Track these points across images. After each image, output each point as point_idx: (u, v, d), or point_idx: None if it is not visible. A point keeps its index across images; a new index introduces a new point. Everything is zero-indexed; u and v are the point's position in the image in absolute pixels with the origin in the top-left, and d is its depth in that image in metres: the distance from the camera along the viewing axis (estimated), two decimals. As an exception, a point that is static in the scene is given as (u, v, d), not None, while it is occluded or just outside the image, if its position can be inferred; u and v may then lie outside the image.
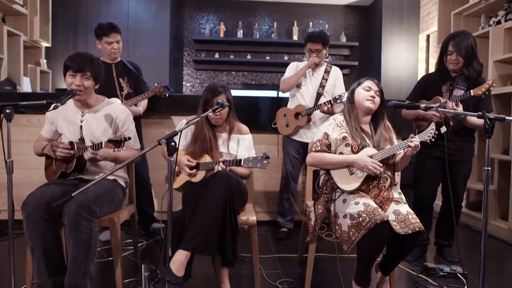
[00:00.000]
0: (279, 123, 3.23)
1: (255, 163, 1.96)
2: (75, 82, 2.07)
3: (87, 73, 2.08)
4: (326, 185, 2.16)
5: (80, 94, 2.09)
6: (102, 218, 1.98)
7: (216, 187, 1.93)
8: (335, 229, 2.06)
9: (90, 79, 2.10)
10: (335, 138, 2.10)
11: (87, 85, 2.10)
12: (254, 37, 5.91)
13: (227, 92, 2.23)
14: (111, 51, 2.98)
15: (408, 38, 5.80)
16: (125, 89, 3.03)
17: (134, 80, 3.08)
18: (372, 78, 2.22)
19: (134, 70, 3.09)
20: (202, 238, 1.86)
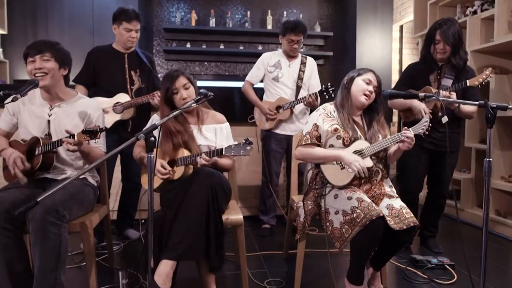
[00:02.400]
0: (259, 117, 3.07)
1: (238, 151, 1.81)
2: (35, 66, 1.85)
3: (46, 54, 1.87)
4: (315, 180, 2.05)
5: (43, 79, 1.87)
6: (72, 222, 1.78)
7: (198, 187, 1.78)
8: (326, 225, 1.96)
9: (51, 60, 1.88)
10: (326, 130, 1.99)
11: (49, 67, 1.88)
12: (227, 26, 5.71)
13: (185, 74, 2.07)
14: (128, 39, 2.70)
15: (382, 28, 5.78)
16: (136, 83, 2.76)
17: (147, 74, 2.82)
18: (373, 71, 2.10)
19: (148, 64, 2.81)
20: (187, 244, 1.71)
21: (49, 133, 1.97)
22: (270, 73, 3.03)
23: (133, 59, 2.78)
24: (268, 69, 3.03)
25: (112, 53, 2.76)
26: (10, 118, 2.02)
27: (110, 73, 2.71)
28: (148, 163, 1.49)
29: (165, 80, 2.04)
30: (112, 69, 2.72)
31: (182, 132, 2.02)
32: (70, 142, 1.75)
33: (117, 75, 2.71)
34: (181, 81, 2.02)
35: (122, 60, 2.74)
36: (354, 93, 2.04)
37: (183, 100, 2.02)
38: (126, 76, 2.73)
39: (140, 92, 2.74)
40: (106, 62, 2.72)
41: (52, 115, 1.97)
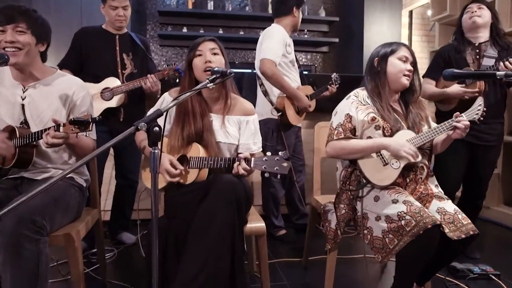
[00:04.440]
0: (288, 111, 2.61)
1: (271, 166, 1.44)
2: (6, 39, 1.49)
3: (20, 24, 1.50)
4: (350, 179, 1.71)
5: (16, 56, 1.50)
6: (54, 234, 1.42)
7: (222, 205, 1.41)
8: (363, 233, 1.63)
9: (27, 33, 1.51)
10: (362, 120, 1.65)
11: (24, 41, 1.51)
12: (226, 10, 5.32)
13: (218, 42, 1.71)
14: (115, 18, 2.37)
15: (390, 13, 5.45)
16: (128, 67, 2.43)
17: (141, 58, 2.49)
18: (405, 44, 1.77)
19: (142, 46, 2.48)
20: (205, 278, 1.34)
21: (25, 120, 1.61)
22: (288, 54, 2.64)
23: (126, 41, 2.45)
24: (286, 49, 2.64)
25: (101, 34, 2.43)
26: None
27: (99, 56, 2.37)
28: (152, 161, 1.14)
29: (192, 46, 1.69)
30: (101, 51, 2.38)
31: (198, 119, 1.65)
32: (55, 136, 1.39)
33: (106, 58, 2.38)
34: (208, 44, 1.66)
35: (113, 42, 2.41)
36: (392, 75, 1.71)
37: (206, 64, 1.64)
38: (117, 59, 2.40)
39: (132, 77, 2.41)
40: (95, 43, 2.39)
41: (26, 98, 1.61)
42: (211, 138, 1.65)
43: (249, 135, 1.75)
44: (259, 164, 1.47)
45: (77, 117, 1.37)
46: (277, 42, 2.56)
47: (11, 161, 1.52)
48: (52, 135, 1.39)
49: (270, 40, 2.57)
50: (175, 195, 1.57)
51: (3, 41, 1.48)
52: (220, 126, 1.70)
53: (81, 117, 1.37)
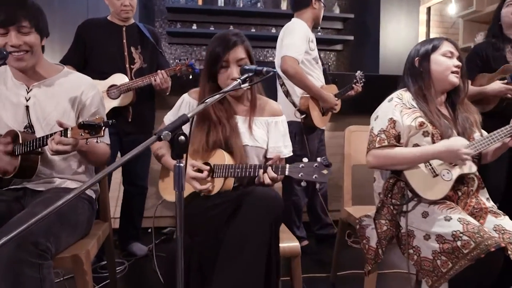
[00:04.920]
0: (312, 112, 2.41)
1: (310, 174, 1.26)
2: (12, 42, 1.31)
3: (23, 23, 1.31)
4: (392, 192, 1.51)
5: (24, 59, 1.35)
6: (60, 256, 1.24)
7: (258, 223, 1.23)
8: (408, 252, 1.44)
9: (32, 32, 1.34)
10: (408, 125, 1.46)
11: (30, 41, 1.34)
12: (237, 6, 5.14)
13: (245, 43, 1.51)
14: (120, 8, 2.18)
15: (408, 10, 5.23)
16: (137, 61, 2.24)
17: (151, 51, 2.30)
18: (448, 38, 1.58)
19: (151, 39, 2.29)
20: None
21: (30, 124, 1.43)
22: (311, 51, 2.44)
23: (133, 33, 2.27)
24: (309, 45, 2.44)
25: (107, 25, 2.25)
26: None
27: (104, 50, 2.20)
28: (176, 176, 0.95)
29: (218, 42, 1.46)
30: (107, 45, 2.21)
31: (225, 125, 1.47)
32: (61, 141, 1.21)
33: (113, 52, 2.20)
34: (238, 53, 1.46)
35: (119, 34, 2.23)
36: (438, 74, 1.52)
37: (230, 80, 1.45)
38: (125, 53, 2.22)
39: (141, 73, 2.23)
40: (100, 36, 2.21)
41: (30, 99, 1.44)
42: (238, 142, 1.47)
43: (278, 138, 1.57)
44: (294, 171, 1.29)
45: (87, 121, 1.19)
46: (299, 38, 2.36)
47: (13, 170, 1.33)
48: (58, 140, 1.22)
49: (292, 36, 2.38)
50: (199, 209, 1.39)
51: (8, 45, 1.31)
52: (247, 129, 1.52)
53: (91, 121, 1.19)
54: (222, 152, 1.44)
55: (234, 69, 1.45)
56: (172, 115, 1.60)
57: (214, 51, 1.45)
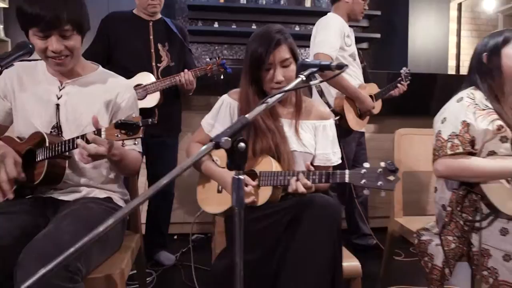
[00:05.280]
0: (348, 114, 2.24)
1: (374, 181, 1.10)
2: (53, 48, 1.17)
3: (65, 27, 1.17)
4: (462, 205, 1.33)
5: (64, 64, 1.22)
6: (91, 276, 1.09)
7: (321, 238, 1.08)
8: (481, 274, 1.25)
9: (74, 35, 1.21)
10: (484, 129, 1.28)
11: (73, 45, 1.22)
12: (260, 3, 4.99)
13: (289, 41, 1.34)
14: (148, 2, 2.04)
15: (438, 6, 5.01)
16: (164, 59, 2.10)
17: (178, 49, 2.16)
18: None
19: (179, 35, 2.15)
20: None
21: (58, 124, 1.30)
22: (348, 46, 2.27)
23: (160, 28, 2.12)
24: (345, 40, 2.26)
25: (132, 20, 2.11)
26: (1, 103, 1.34)
27: (129, 46, 2.06)
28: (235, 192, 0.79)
29: (260, 40, 1.30)
30: (132, 41, 2.07)
31: (274, 131, 1.31)
32: (96, 140, 1.08)
33: (138, 49, 2.06)
34: (282, 53, 1.30)
35: (146, 30, 2.09)
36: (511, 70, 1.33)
37: (275, 84, 1.31)
38: (151, 50, 2.08)
39: (168, 71, 2.08)
40: (125, 31, 2.07)
41: (62, 96, 1.30)
42: (285, 147, 1.31)
43: (327, 143, 1.42)
44: (356, 178, 1.14)
45: (124, 120, 1.05)
46: (333, 33, 2.19)
47: (38, 176, 1.20)
48: (92, 138, 1.07)
49: (325, 32, 2.21)
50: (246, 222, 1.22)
51: (49, 50, 1.18)
52: (293, 133, 1.37)
53: (129, 119, 1.05)
54: (270, 159, 1.29)
55: (278, 71, 1.31)
56: (211, 117, 1.45)
57: (255, 52, 1.30)
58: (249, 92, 1.34)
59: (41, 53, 1.20)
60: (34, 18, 1.12)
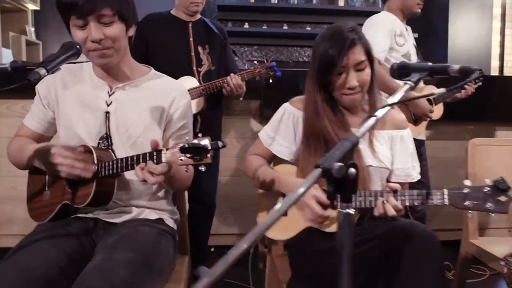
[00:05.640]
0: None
1: (480, 203, 0.93)
2: (92, 36, 1.03)
3: (103, 11, 1.03)
4: None
5: (106, 56, 1.08)
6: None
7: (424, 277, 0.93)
8: None
9: (114, 20, 1.06)
10: None
11: (113, 34, 1.07)
12: (291, 3, 4.83)
13: (363, 40, 1.18)
14: (190, 0, 1.91)
15: (480, 4, 4.76)
16: (205, 63, 1.97)
17: (219, 51, 2.03)
18: None
19: (221, 36, 2.02)
20: None
21: (108, 134, 1.16)
22: (400, 46, 2.08)
23: (200, 30, 1.99)
24: (396, 40, 2.07)
25: (171, 21, 1.98)
26: (42, 111, 1.22)
27: (169, 49, 1.94)
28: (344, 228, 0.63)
29: (329, 45, 1.14)
30: (172, 44, 1.95)
31: None
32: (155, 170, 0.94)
33: (179, 52, 1.94)
34: (357, 54, 1.14)
35: (186, 31, 1.96)
36: None
37: (347, 90, 1.16)
38: (191, 53, 1.95)
39: (209, 76, 1.95)
40: (164, 33, 1.95)
41: (112, 103, 1.16)
42: (360, 162, 1.15)
43: (406, 157, 1.25)
44: (457, 199, 0.97)
45: (193, 143, 0.90)
46: (382, 33, 2.02)
47: (85, 198, 1.06)
48: (152, 168, 0.93)
49: (371, 32, 2.03)
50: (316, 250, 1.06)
51: (89, 40, 1.04)
52: (367, 146, 1.20)
53: (198, 143, 0.90)
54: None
55: (352, 75, 1.15)
56: (271, 129, 1.29)
57: (326, 54, 1.14)
58: (317, 99, 1.18)
59: (83, 47, 1.06)
60: (71, 5, 1.01)
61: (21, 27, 3.60)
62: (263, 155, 1.28)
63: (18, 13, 3.57)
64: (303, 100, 1.25)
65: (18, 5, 3.50)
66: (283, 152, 1.24)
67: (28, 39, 3.56)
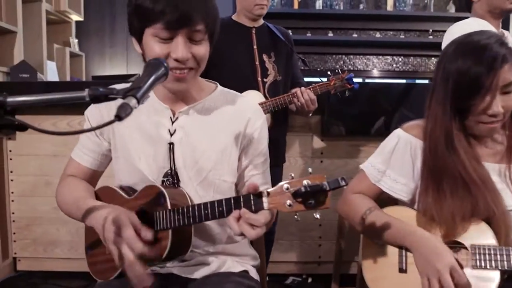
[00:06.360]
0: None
1: None
2: (178, 54, 0.84)
3: (198, 26, 0.85)
4: None
5: (186, 79, 0.89)
6: None
7: None
8: None
9: (204, 40, 0.88)
10: None
11: (202, 54, 0.88)
12: (337, 9, 4.60)
13: None
14: (255, 2, 1.72)
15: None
16: (271, 73, 1.78)
17: (285, 59, 1.84)
18: None
19: (287, 42, 1.84)
20: None
21: (173, 170, 0.96)
22: None
23: (264, 36, 1.81)
24: None
25: (233, 28, 1.80)
26: (95, 142, 1.03)
27: (232, 58, 1.76)
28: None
29: (473, 60, 0.91)
30: (235, 52, 1.77)
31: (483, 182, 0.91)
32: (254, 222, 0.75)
33: (242, 62, 1.76)
34: (507, 73, 0.91)
35: (249, 38, 1.78)
36: None
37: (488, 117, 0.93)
38: (256, 62, 1.76)
39: (275, 87, 1.77)
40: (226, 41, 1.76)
41: (176, 132, 0.96)
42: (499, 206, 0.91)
43: None
44: None
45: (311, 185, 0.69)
46: None
47: (162, 251, 0.86)
48: (252, 220, 0.73)
49: None
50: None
51: (171, 57, 0.85)
52: (507, 184, 0.96)
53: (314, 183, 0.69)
54: (483, 225, 0.88)
55: (498, 100, 0.92)
56: (381, 161, 1.06)
57: (467, 72, 0.91)
58: (451, 128, 0.94)
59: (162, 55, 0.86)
60: (160, 13, 0.81)
61: (64, 39, 3.54)
62: (369, 194, 1.05)
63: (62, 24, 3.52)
64: (422, 127, 1.02)
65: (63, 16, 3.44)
66: (398, 190, 1.01)
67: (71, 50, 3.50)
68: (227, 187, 0.98)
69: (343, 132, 2.21)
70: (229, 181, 0.98)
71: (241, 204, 0.78)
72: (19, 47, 2.73)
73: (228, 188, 0.99)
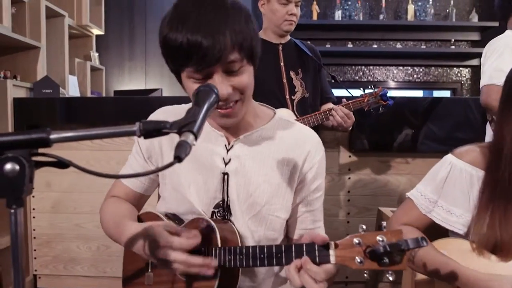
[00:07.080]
0: None
1: None
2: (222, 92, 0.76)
3: (232, 54, 0.76)
4: None
5: (233, 114, 0.82)
6: None
7: None
8: None
9: (243, 64, 0.80)
10: None
11: (244, 83, 0.81)
12: (356, 20, 4.54)
13: None
14: (284, 18, 1.72)
15: None
16: (299, 90, 1.75)
17: (312, 75, 1.81)
18: None
19: (314, 58, 1.81)
20: None
21: (225, 203, 0.90)
22: None
23: (292, 52, 1.80)
24: None
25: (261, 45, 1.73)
26: (143, 166, 0.97)
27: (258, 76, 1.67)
28: None
29: None
30: (261, 69, 1.68)
31: None
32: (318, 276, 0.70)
33: (270, 80, 1.72)
34: None
35: (276, 55, 1.76)
36: None
37: None
38: (283, 79, 1.74)
39: (304, 104, 1.74)
40: None
41: (231, 161, 0.90)
42: None
43: None
44: None
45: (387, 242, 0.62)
46: (507, 57, 1.69)
47: None
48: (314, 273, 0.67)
49: (495, 57, 1.72)
50: None
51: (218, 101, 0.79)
52: None
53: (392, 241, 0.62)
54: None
55: None
56: (432, 190, 0.98)
57: None
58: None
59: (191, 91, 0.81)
60: (188, 53, 0.73)
61: (85, 53, 3.56)
62: (417, 225, 0.97)
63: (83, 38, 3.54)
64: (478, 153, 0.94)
65: (84, 30, 3.46)
66: (453, 222, 0.94)
67: (92, 64, 3.51)
68: (280, 223, 0.92)
69: (371, 147, 2.15)
70: (282, 217, 0.91)
71: (304, 253, 0.71)
72: (42, 62, 2.74)
73: (280, 225, 0.92)
